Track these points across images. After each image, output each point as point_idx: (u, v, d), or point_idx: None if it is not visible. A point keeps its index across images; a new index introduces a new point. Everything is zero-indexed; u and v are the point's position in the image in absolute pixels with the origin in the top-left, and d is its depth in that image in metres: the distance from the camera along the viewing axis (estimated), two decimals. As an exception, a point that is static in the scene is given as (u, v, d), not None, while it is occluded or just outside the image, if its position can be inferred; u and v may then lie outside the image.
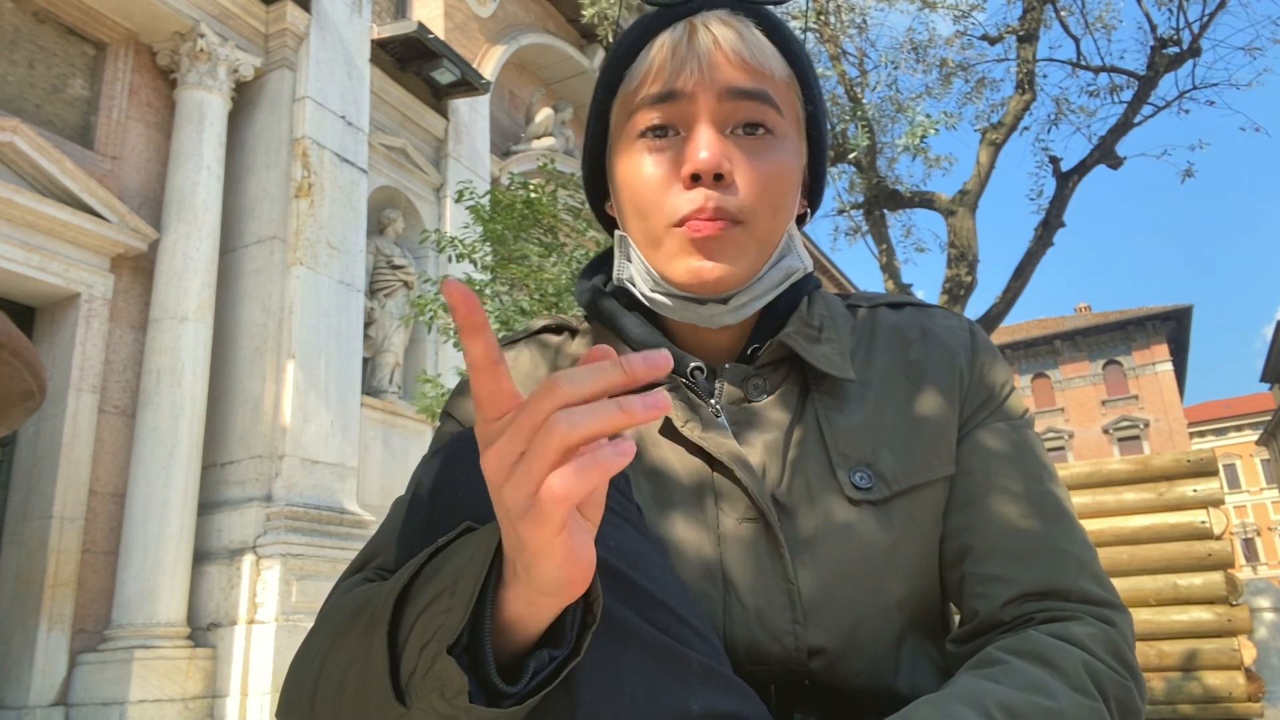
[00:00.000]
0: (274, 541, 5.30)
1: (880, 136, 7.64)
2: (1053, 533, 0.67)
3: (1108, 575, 0.68)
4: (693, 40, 0.68)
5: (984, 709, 0.54)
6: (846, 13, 7.48)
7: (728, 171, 0.66)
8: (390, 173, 7.61)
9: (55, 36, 5.79)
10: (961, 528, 0.69)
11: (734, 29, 0.69)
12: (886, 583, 0.66)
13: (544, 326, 0.83)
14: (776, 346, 0.72)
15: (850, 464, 0.68)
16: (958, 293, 7.23)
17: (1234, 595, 2.59)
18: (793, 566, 0.65)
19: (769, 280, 0.71)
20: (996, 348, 0.78)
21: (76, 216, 5.33)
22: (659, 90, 0.68)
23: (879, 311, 0.78)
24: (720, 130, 0.68)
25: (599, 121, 0.76)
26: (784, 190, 0.70)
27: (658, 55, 0.69)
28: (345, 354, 6.25)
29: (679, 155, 0.68)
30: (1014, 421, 0.73)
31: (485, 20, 9.25)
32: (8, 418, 0.82)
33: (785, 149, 0.70)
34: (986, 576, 0.66)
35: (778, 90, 0.70)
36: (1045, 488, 0.69)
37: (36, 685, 4.85)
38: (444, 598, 0.46)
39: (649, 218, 0.69)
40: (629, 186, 0.71)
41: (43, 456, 5.20)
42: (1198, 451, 2.73)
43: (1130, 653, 0.62)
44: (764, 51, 0.69)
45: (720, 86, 0.67)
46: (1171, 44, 7.20)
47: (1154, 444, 33.42)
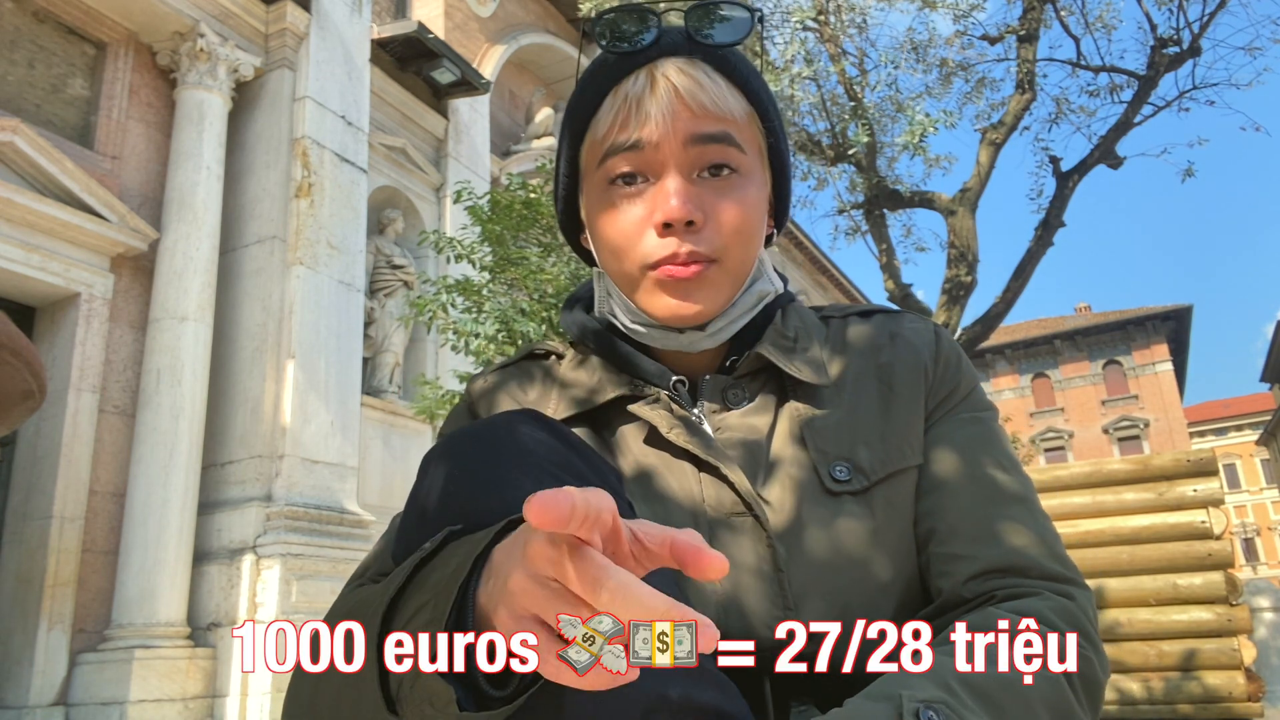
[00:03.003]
0: (274, 541, 5.30)
1: (880, 136, 7.64)
2: (1014, 513, 0.71)
3: (1069, 556, 0.71)
4: (654, 90, 0.71)
5: (944, 683, 0.56)
6: (846, 12, 7.47)
7: (699, 218, 0.70)
8: (390, 173, 7.61)
9: (55, 36, 5.79)
10: (928, 512, 0.73)
11: (691, 77, 0.72)
12: (872, 568, 0.69)
13: (530, 352, 0.86)
14: (754, 358, 0.77)
15: (829, 459, 0.72)
16: (958, 292, 7.22)
17: (1234, 595, 2.59)
18: (783, 555, 0.68)
19: (743, 305, 0.76)
20: (960, 349, 0.82)
21: (76, 216, 5.33)
22: (625, 140, 0.71)
23: (849, 320, 0.84)
24: (688, 175, 0.71)
25: (569, 165, 0.79)
26: (753, 225, 0.74)
27: (622, 106, 0.72)
28: (345, 354, 6.26)
29: (650, 203, 0.72)
30: (977, 413, 0.78)
31: (485, 20, 9.25)
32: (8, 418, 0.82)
33: (751, 184, 0.74)
34: (949, 555, 0.70)
35: (739, 130, 0.73)
36: (1006, 474, 0.73)
37: (36, 685, 4.86)
38: (427, 610, 0.47)
39: (624, 261, 0.73)
40: (603, 232, 0.75)
41: (43, 456, 5.20)
42: (1198, 451, 2.73)
43: (1091, 626, 0.65)
44: (722, 94, 0.72)
45: (684, 135, 0.71)
46: (1171, 44, 7.20)
47: (1154, 444, 33.41)
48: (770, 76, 6.18)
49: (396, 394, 7.23)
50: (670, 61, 0.73)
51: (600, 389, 0.78)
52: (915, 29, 7.83)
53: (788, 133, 0.83)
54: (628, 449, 0.75)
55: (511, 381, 0.83)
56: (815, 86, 7.36)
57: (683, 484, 0.72)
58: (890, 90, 7.63)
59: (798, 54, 6.65)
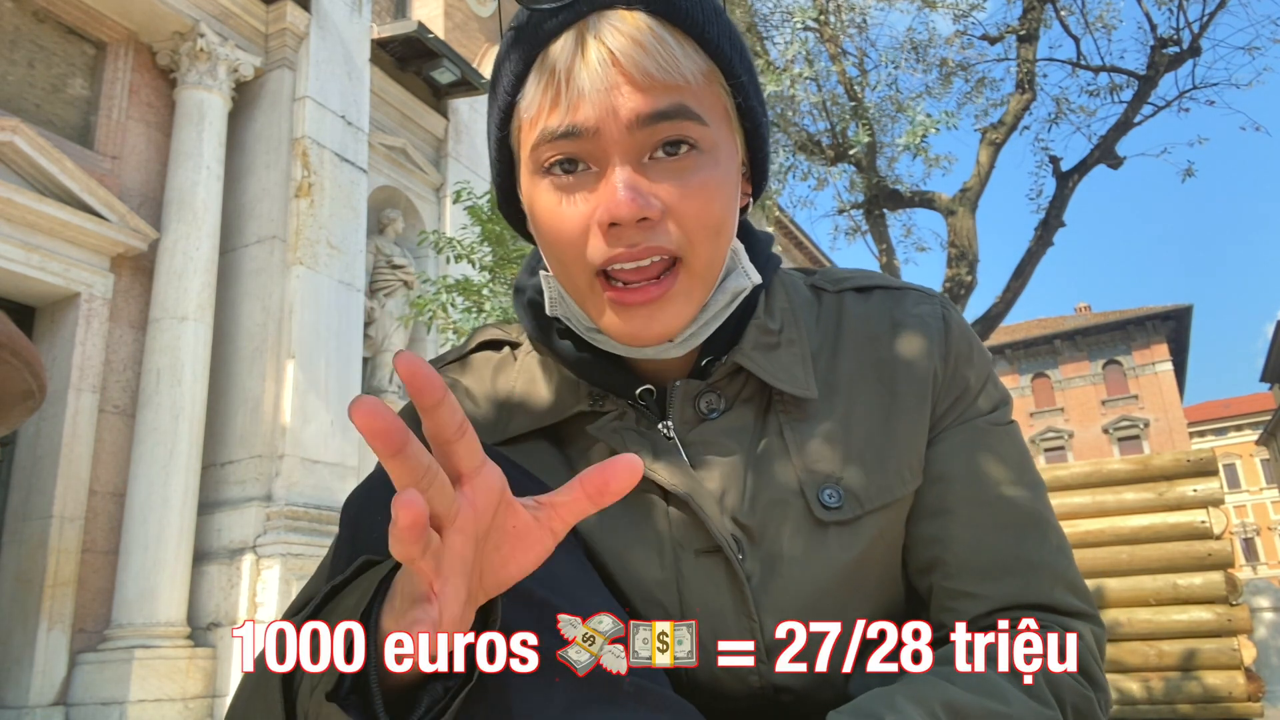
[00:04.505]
0: (274, 541, 5.30)
1: (880, 136, 7.64)
2: (1025, 544, 0.64)
3: (1082, 579, 0.66)
4: (585, 59, 0.57)
5: (930, 708, 0.54)
6: (846, 12, 7.47)
7: (653, 212, 0.58)
8: (390, 172, 7.61)
9: (55, 36, 5.79)
10: (932, 537, 0.66)
11: (630, 37, 0.57)
12: (853, 603, 0.64)
13: (483, 343, 0.77)
14: (731, 364, 0.67)
15: (818, 481, 0.64)
16: (958, 292, 7.23)
17: (1234, 595, 2.59)
18: (754, 601, 0.62)
19: (715, 305, 0.65)
20: (972, 332, 0.72)
21: (76, 216, 5.33)
22: (556, 126, 0.58)
23: (845, 299, 0.72)
24: (637, 161, 0.58)
25: (499, 147, 0.66)
26: (721, 211, 0.61)
27: (550, 82, 0.59)
28: (345, 354, 6.25)
29: (593, 196, 0.59)
30: (989, 416, 0.69)
31: (485, 20, 9.25)
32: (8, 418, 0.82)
33: (715, 160, 0.60)
34: (956, 592, 0.64)
35: (696, 97, 0.59)
36: (1018, 491, 0.66)
37: (36, 685, 4.85)
38: None
39: (569, 267, 0.62)
40: (542, 230, 0.63)
41: (43, 456, 5.20)
42: (1198, 451, 2.73)
43: (1095, 665, 0.61)
44: (671, 55, 0.58)
45: (629, 116, 0.57)
46: (1171, 44, 7.21)
47: (1154, 444, 33.41)
48: (770, 77, 6.17)
49: (397, 394, 7.24)
50: (604, 18, 0.58)
51: (559, 403, 0.69)
52: (915, 29, 7.84)
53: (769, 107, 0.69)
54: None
55: (460, 386, 0.74)
56: (815, 86, 7.37)
57: (649, 513, 0.64)
58: (890, 90, 7.64)
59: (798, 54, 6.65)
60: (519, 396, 0.72)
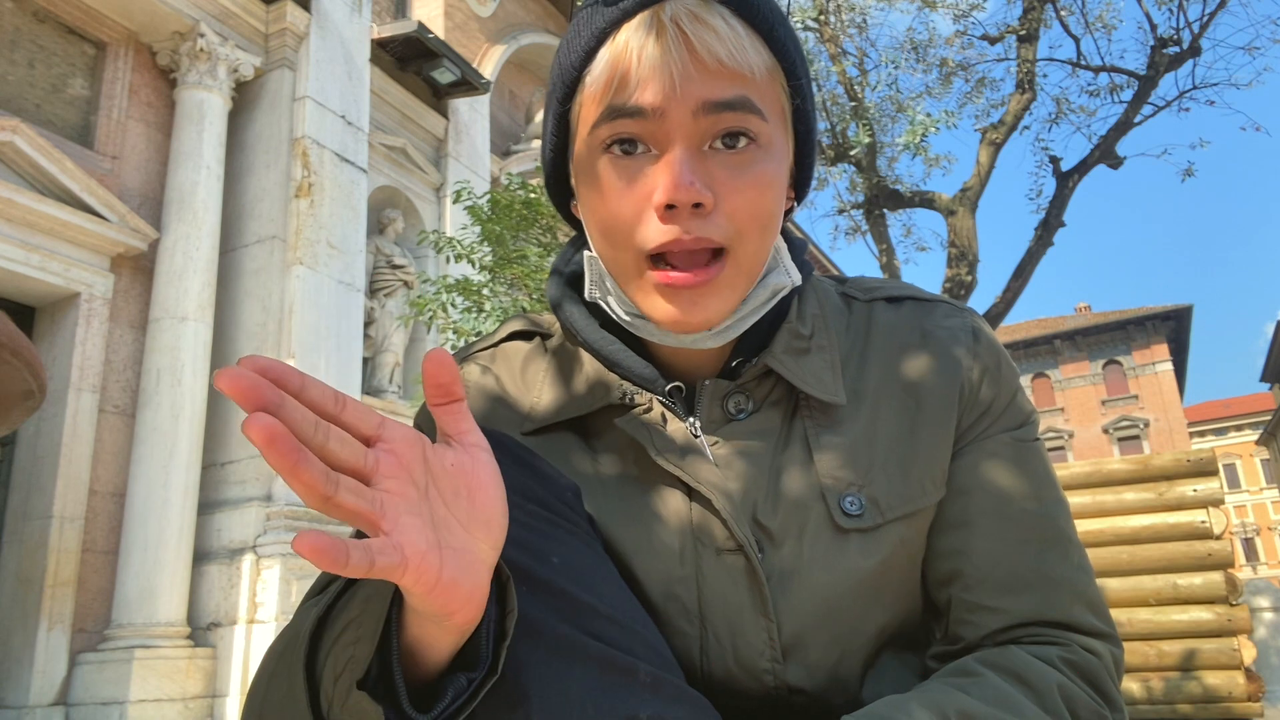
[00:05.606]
0: (274, 541, 5.30)
1: (880, 136, 7.65)
2: (1046, 560, 0.64)
3: (1103, 598, 0.66)
4: (661, 41, 0.59)
5: (944, 716, 0.54)
6: (846, 12, 7.48)
7: (708, 200, 0.59)
8: (390, 172, 7.61)
9: (55, 36, 5.79)
10: (953, 550, 0.66)
11: (706, 23, 0.59)
12: (872, 612, 0.64)
13: (513, 333, 0.77)
14: (761, 366, 0.67)
15: (841, 487, 0.64)
16: (958, 292, 7.23)
17: (1234, 595, 2.59)
18: (773, 602, 0.62)
19: (755, 300, 0.66)
20: (1001, 347, 0.72)
21: (76, 216, 5.33)
22: (624, 103, 0.60)
23: (876, 308, 0.73)
24: (697, 148, 0.60)
25: (558, 121, 0.67)
26: (771, 207, 0.63)
27: (621, 58, 0.60)
28: (345, 354, 6.25)
29: (650, 178, 0.60)
30: (1015, 432, 0.69)
31: (485, 20, 9.24)
32: (8, 417, 0.82)
33: (770, 156, 0.62)
34: (975, 605, 0.64)
35: (759, 91, 0.61)
36: (1042, 507, 0.66)
37: (36, 685, 4.85)
38: (353, 628, 0.47)
39: (619, 248, 0.63)
40: (595, 209, 0.64)
41: (43, 456, 5.20)
42: (1198, 451, 2.73)
43: (1112, 684, 0.61)
44: (742, 46, 0.60)
45: (695, 101, 0.59)
46: (1171, 44, 7.21)
47: (1154, 444, 33.41)
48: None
49: (397, 394, 7.23)
50: (680, 2, 0.60)
51: (587, 395, 0.69)
52: (915, 29, 7.84)
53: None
54: (616, 462, 0.67)
55: (490, 375, 0.74)
56: (815, 87, 7.37)
57: (672, 509, 0.65)
58: (890, 90, 7.64)
59: (798, 54, 6.66)
60: (548, 387, 0.72)
